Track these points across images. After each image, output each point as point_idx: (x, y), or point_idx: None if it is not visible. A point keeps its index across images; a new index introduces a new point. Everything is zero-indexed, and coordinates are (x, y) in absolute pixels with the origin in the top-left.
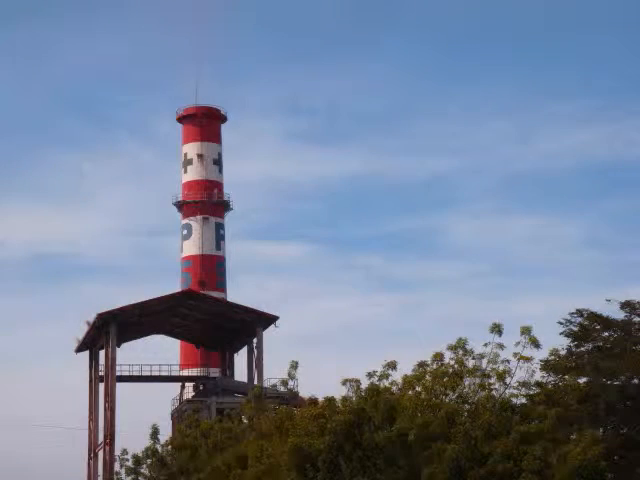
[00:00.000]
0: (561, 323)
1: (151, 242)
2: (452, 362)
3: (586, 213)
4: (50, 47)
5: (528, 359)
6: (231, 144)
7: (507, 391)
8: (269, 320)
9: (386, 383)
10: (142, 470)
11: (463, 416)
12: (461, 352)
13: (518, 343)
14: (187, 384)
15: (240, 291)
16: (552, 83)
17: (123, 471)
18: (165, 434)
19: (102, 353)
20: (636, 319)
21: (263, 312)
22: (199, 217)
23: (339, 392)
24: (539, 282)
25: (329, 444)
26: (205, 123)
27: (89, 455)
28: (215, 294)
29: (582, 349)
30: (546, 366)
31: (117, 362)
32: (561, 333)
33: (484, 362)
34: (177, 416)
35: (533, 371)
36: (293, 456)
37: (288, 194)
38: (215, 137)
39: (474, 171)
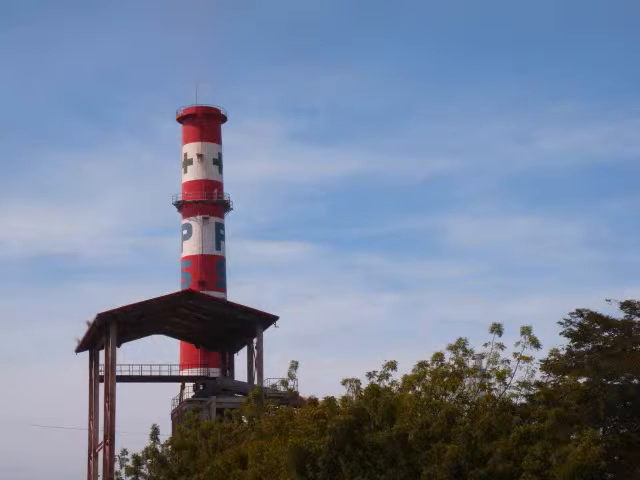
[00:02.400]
0: (561, 323)
1: (151, 242)
2: (452, 362)
3: (586, 213)
4: (50, 47)
5: (528, 359)
6: (231, 144)
7: (507, 391)
8: (269, 320)
9: (386, 383)
10: (142, 470)
11: (463, 416)
12: (461, 352)
13: (518, 343)
14: (187, 384)
15: (240, 291)
16: (552, 83)
17: (123, 471)
18: (165, 434)
19: (102, 353)
20: (636, 319)
21: (263, 312)
22: (199, 217)
23: (339, 392)
24: (539, 282)
25: (329, 444)
26: (205, 123)
27: (89, 455)
28: (215, 294)
29: (582, 349)
30: (546, 366)
31: (117, 362)
32: (561, 333)
33: (484, 362)
34: (177, 416)
35: (533, 371)
36: (293, 456)
37: (288, 194)
38: (215, 137)
39: (474, 171)
